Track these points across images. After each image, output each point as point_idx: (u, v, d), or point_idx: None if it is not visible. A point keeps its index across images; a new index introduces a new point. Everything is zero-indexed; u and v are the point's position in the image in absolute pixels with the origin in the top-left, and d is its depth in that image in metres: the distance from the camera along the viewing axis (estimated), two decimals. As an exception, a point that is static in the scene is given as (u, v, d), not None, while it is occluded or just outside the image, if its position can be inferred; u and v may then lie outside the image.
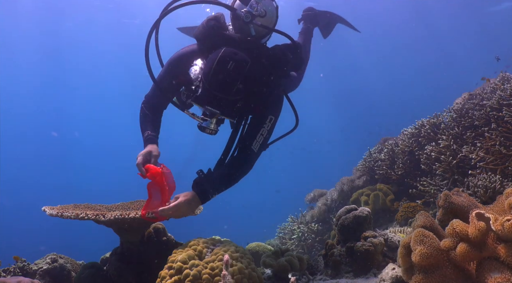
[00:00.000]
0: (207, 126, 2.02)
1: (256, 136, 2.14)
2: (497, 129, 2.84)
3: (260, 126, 2.15)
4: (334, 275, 2.28)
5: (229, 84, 1.87)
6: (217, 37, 2.07)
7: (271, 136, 2.25)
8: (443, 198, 1.34)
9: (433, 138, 3.62)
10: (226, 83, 1.87)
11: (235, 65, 1.86)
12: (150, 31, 2.17)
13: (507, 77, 3.38)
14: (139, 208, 2.31)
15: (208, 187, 2.02)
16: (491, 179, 2.52)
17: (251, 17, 2.05)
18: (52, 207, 2.21)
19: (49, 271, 2.56)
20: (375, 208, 3.76)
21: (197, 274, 1.60)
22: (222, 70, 1.86)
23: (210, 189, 2.02)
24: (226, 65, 1.85)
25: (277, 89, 2.21)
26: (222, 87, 1.88)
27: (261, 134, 2.15)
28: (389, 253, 2.29)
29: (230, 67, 1.85)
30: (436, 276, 1.14)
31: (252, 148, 2.13)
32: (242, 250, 1.86)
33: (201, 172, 2.08)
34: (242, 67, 1.88)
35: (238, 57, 1.89)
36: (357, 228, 2.34)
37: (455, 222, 1.14)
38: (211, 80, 1.87)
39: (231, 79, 1.87)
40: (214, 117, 2.00)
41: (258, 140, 2.14)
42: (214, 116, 1.99)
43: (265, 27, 2.11)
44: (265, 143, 2.20)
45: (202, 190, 2.02)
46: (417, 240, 1.16)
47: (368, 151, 4.55)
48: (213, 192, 2.03)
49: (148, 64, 2.19)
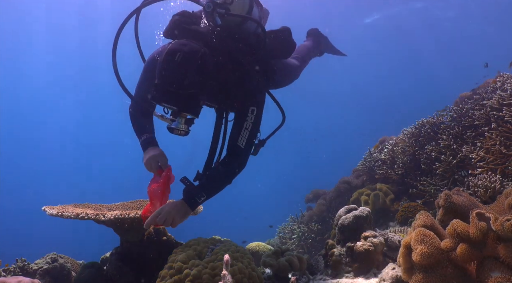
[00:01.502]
0: (175, 127, 1.92)
1: (240, 131, 2.07)
2: (497, 129, 2.84)
3: (243, 120, 2.08)
4: (334, 275, 2.28)
5: (178, 77, 1.78)
6: (182, 31, 2.02)
7: (258, 129, 2.17)
8: (443, 197, 1.34)
9: (433, 138, 3.62)
10: (175, 76, 1.78)
11: (183, 57, 1.78)
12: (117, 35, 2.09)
13: (507, 77, 3.39)
14: (139, 208, 2.31)
15: (195, 193, 1.98)
16: (491, 179, 2.52)
17: (213, 6, 1.98)
18: (52, 207, 2.21)
19: (49, 271, 2.56)
20: (375, 208, 3.76)
21: (197, 274, 1.59)
22: (170, 62, 1.78)
23: (198, 194, 1.98)
24: (174, 57, 1.78)
25: (252, 78, 2.13)
26: (171, 81, 1.78)
27: (246, 129, 2.07)
28: (389, 253, 2.29)
29: (178, 59, 1.77)
30: (436, 276, 1.14)
31: (238, 144, 2.07)
32: (242, 250, 1.86)
33: (186, 179, 2.04)
34: (192, 58, 1.80)
35: (186, 48, 1.81)
36: (357, 228, 2.34)
37: (456, 222, 1.14)
38: (161, 74, 1.80)
39: (180, 72, 1.78)
40: (182, 117, 1.91)
41: (243, 135, 2.07)
42: (178, 115, 1.89)
43: (231, 15, 2.03)
44: (252, 137, 2.11)
45: (189, 196, 1.98)
46: (417, 240, 1.16)
47: (368, 151, 4.55)
48: (200, 196, 1.99)
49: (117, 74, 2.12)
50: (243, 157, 2.13)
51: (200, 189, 2.01)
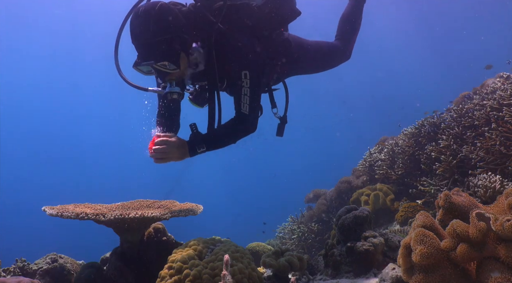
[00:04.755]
0: (168, 91, 1.97)
1: (240, 99, 2.09)
2: (497, 129, 2.84)
3: (239, 88, 2.10)
4: (334, 275, 2.28)
5: (142, 26, 1.85)
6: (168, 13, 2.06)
7: (259, 91, 2.18)
8: (443, 197, 1.34)
9: (433, 138, 3.62)
10: (139, 27, 1.86)
11: (143, 9, 1.86)
12: None
13: (507, 77, 3.39)
14: (139, 208, 2.31)
15: (197, 142, 2.04)
16: (491, 179, 2.52)
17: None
18: (52, 207, 2.21)
19: (49, 271, 2.56)
20: (375, 208, 3.76)
21: (197, 274, 1.60)
22: (133, 18, 1.89)
23: (199, 143, 2.03)
24: (136, 12, 1.88)
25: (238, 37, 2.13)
26: (138, 33, 1.87)
27: (245, 95, 2.09)
28: (389, 253, 2.29)
29: (140, 12, 1.86)
30: (436, 276, 1.13)
31: (242, 111, 2.10)
32: (242, 250, 1.86)
33: (194, 126, 2.09)
34: (151, 9, 1.85)
35: (147, 3, 1.91)
36: (357, 228, 2.33)
37: (455, 222, 1.14)
38: (131, 34, 1.90)
39: (142, 22, 1.85)
40: (171, 80, 1.97)
41: (244, 101, 2.09)
42: (164, 76, 1.96)
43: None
44: (253, 101, 2.12)
45: (191, 143, 2.04)
46: (417, 240, 1.16)
47: (368, 151, 4.55)
48: (200, 147, 2.04)
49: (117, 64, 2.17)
50: (250, 121, 2.15)
51: (202, 140, 2.05)
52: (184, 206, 2.42)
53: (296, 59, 2.55)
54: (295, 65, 2.60)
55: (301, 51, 2.58)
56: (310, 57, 2.67)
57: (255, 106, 2.16)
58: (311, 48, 2.66)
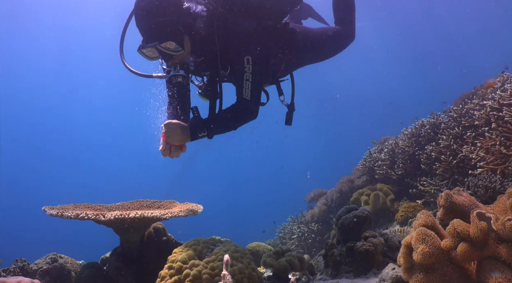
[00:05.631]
0: (172, 75, 1.99)
1: (242, 84, 2.09)
2: (497, 129, 2.84)
3: (241, 74, 2.10)
4: (334, 275, 2.28)
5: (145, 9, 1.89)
6: None
7: (261, 77, 2.18)
8: (444, 197, 1.34)
9: (433, 138, 3.62)
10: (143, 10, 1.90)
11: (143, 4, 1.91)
12: None
13: (507, 77, 3.38)
14: (139, 208, 2.31)
15: (198, 126, 2.04)
16: (491, 179, 2.51)
17: None
18: (52, 207, 2.21)
19: (49, 271, 2.56)
20: (375, 208, 3.76)
21: (197, 274, 1.59)
22: (137, 3, 1.93)
23: (200, 128, 2.04)
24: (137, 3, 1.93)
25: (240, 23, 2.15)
26: (141, 16, 1.91)
27: (247, 80, 2.09)
28: (389, 253, 2.29)
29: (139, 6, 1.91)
30: (437, 276, 1.13)
31: (244, 97, 2.10)
32: (242, 250, 1.86)
33: (195, 109, 2.09)
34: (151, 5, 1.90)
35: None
36: (357, 228, 2.33)
37: (456, 222, 1.14)
38: (135, 20, 1.94)
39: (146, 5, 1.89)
40: (174, 63, 1.99)
41: (246, 87, 2.09)
42: (168, 60, 1.99)
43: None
44: (255, 86, 2.11)
45: (192, 126, 2.04)
46: (419, 239, 1.16)
47: (368, 151, 4.55)
48: (201, 131, 2.04)
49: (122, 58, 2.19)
50: (251, 107, 2.15)
51: (203, 124, 2.05)
52: (184, 206, 2.42)
53: (302, 48, 2.55)
54: (303, 55, 2.61)
55: (308, 39, 2.58)
56: (317, 43, 2.66)
57: (257, 92, 2.15)
58: (317, 35, 2.66)
